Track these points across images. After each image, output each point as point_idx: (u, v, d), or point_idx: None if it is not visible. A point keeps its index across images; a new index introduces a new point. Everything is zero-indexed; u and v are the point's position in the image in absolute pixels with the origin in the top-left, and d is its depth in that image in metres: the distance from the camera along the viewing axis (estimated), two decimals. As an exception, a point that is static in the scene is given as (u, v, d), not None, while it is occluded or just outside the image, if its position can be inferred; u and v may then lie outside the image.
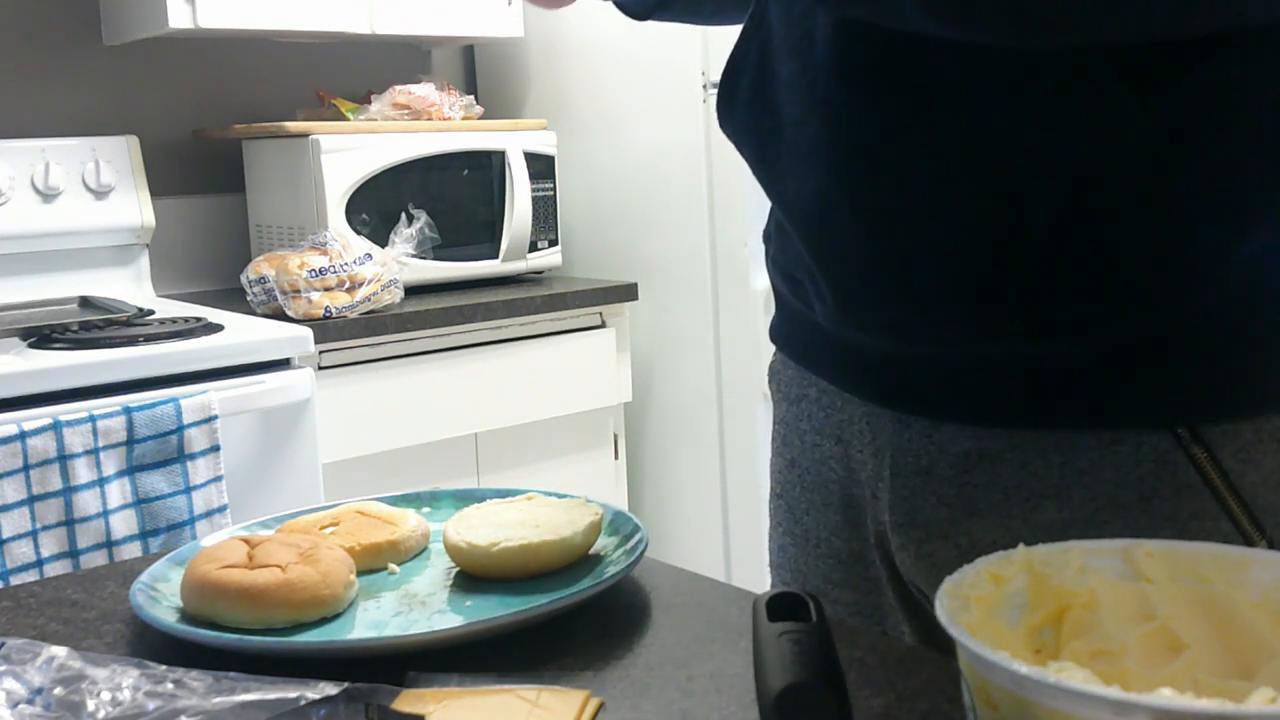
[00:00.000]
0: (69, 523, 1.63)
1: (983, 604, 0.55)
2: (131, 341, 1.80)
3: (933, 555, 0.78)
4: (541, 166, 2.50)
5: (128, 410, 1.67)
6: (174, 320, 1.97)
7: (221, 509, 1.76)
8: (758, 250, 2.36)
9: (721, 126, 0.87)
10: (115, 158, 2.34)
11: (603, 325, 2.46)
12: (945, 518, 0.76)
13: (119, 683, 0.64)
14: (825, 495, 0.87)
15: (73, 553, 1.63)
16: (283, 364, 1.90)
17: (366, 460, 2.14)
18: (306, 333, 1.92)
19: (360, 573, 0.81)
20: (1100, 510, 0.71)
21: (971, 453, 0.74)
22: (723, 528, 2.49)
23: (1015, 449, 0.73)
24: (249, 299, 2.16)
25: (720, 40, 2.30)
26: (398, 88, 2.48)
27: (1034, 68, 0.67)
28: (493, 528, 0.83)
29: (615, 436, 2.53)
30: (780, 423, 0.92)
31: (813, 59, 0.76)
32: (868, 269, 0.75)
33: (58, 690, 0.63)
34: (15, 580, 1.58)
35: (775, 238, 0.88)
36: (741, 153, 0.85)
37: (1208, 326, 0.69)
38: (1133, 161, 0.66)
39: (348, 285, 2.10)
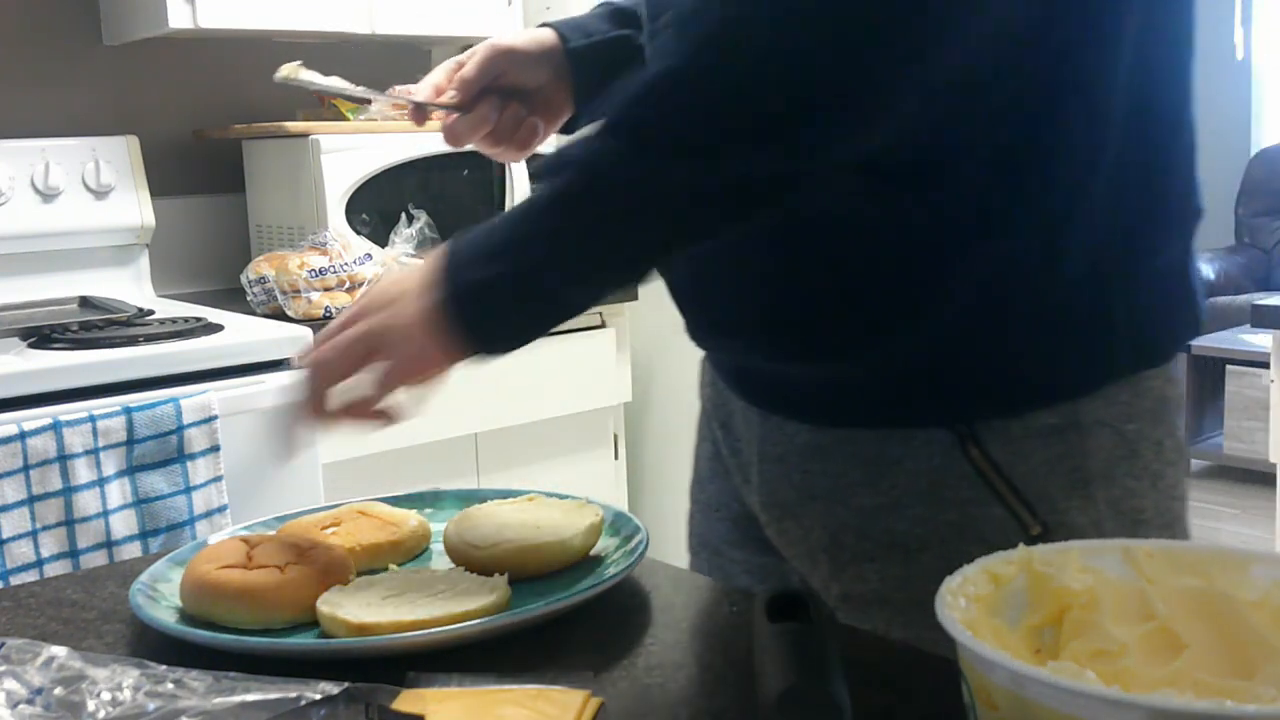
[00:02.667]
0: (69, 523, 1.63)
1: (983, 604, 0.55)
2: (131, 341, 1.80)
3: (787, 532, 0.89)
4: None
5: (128, 410, 1.67)
6: (174, 320, 1.97)
7: (221, 509, 1.76)
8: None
9: None
10: (115, 158, 2.34)
11: (603, 325, 2.46)
12: (794, 499, 0.87)
13: (119, 683, 0.64)
14: (723, 466, 0.98)
15: (73, 553, 1.63)
16: (283, 364, 1.90)
17: (366, 460, 2.14)
18: (306, 333, 1.92)
19: (361, 572, 0.81)
20: (903, 496, 0.82)
21: (810, 444, 0.86)
22: (723, 528, 2.49)
23: (840, 443, 0.84)
24: (249, 299, 2.15)
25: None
26: (398, 88, 2.48)
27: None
28: (493, 528, 0.83)
29: (615, 436, 2.53)
30: (700, 404, 1.04)
31: None
32: (703, 309, 0.90)
33: (58, 690, 0.63)
34: (15, 580, 1.58)
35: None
36: None
37: (963, 343, 0.79)
38: (864, 233, 0.78)
39: (348, 285, 2.10)
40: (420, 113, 0.98)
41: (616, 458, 2.54)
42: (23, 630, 0.77)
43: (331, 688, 0.62)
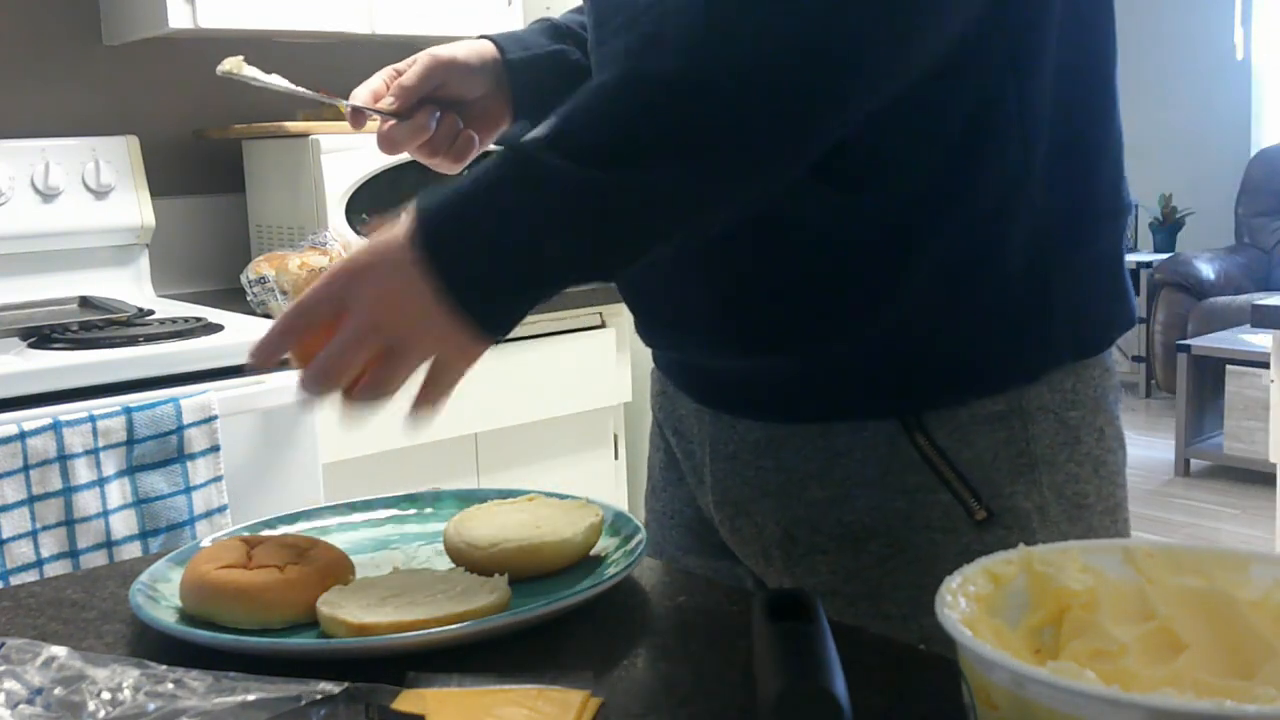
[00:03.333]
0: (69, 523, 1.63)
1: (983, 604, 0.55)
2: (131, 341, 1.80)
3: (740, 530, 0.89)
4: (541, 166, 2.50)
5: (128, 410, 1.67)
6: (174, 320, 1.97)
7: (221, 509, 1.76)
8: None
9: None
10: (115, 158, 2.34)
11: (603, 325, 2.46)
12: (747, 496, 0.88)
13: (119, 683, 0.64)
14: (676, 473, 0.99)
15: (73, 553, 1.63)
16: (283, 364, 1.90)
17: (366, 460, 2.14)
18: (306, 333, 1.92)
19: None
20: (853, 487, 0.83)
21: (761, 440, 0.87)
22: (723, 528, 2.49)
23: (792, 437, 0.85)
24: (249, 299, 2.16)
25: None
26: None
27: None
28: (494, 528, 0.83)
29: (615, 436, 2.53)
30: (652, 412, 1.04)
31: None
32: (653, 300, 0.91)
33: (58, 690, 0.63)
34: (15, 580, 1.58)
35: None
36: None
37: (909, 335, 0.80)
38: (811, 231, 0.79)
39: (348, 285, 2.10)
40: (358, 117, 0.98)
41: (616, 458, 2.54)
42: (23, 630, 0.77)
43: (331, 688, 0.62)
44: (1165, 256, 5.22)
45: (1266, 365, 3.53)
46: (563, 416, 2.41)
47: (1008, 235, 0.79)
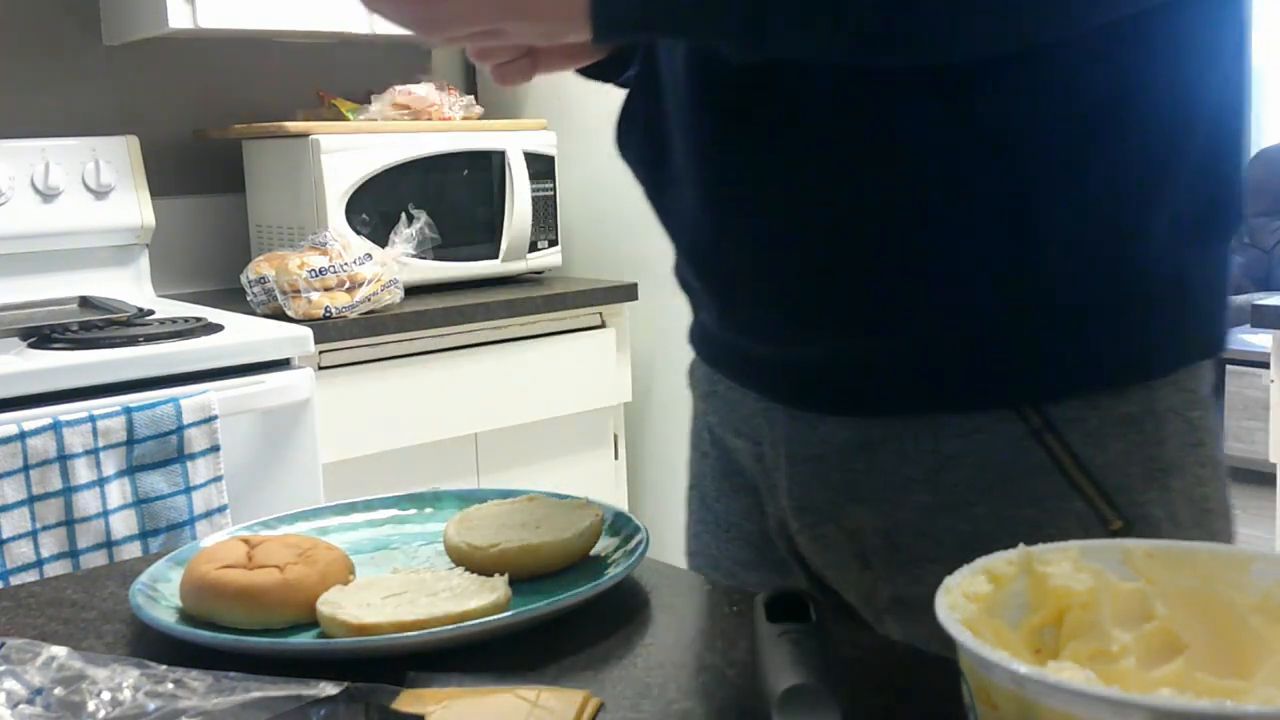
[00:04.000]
0: (69, 523, 1.63)
1: (983, 604, 0.55)
2: (131, 341, 1.80)
3: (825, 537, 0.84)
4: (541, 166, 2.50)
5: (128, 410, 1.67)
6: (174, 320, 1.97)
7: (221, 509, 1.76)
8: (758, 250, 2.36)
9: (620, 155, 0.96)
10: (115, 158, 2.34)
11: (603, 325, 2.46)
12: (832, 501, 0.83)
13: (119, 683, 0.64)
14: (734, 482, 0.93)
15: (73, 553, 1.63)
16: (283, 364, 1.90)
17: (366, 460, 2.14)
18: (306, 333, 1.92)
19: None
20: (967, 494, 0.77)
21: (851, 442, 0.81)
22: (723, 528, 2.48)
23: (890, 438, 0.79)
24: (249, 299, 2.16)
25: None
26: (398, 88, 2.48)
27: (861, 100, 0.73)
28: (493, 528, 0.83)
29: (615, 436, 2.53)
30: (695, 418, 0.99)
31: (679, 94, 0.83)
32: (737, 282, 0.84)
33: (58, 690, 0.63)
34: (15, 580, 1.58)
35: (675, 250, 0.94)
36: (637, 180, 0.93)
37: (1036, 311, 0.75)
38: (943, 175, 0.73)
39: (348, 285, 2.10)
40: None
41: (616, 458, 2.54)
42: (23, 630, 0.77)
43: (331, 688, 0.62)
44: (1165, 257, 5.21)
45: (1266, 365, 3.53)
46: (563, 416, 2.41)
47: (1152, 216, 0.74)
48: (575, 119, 2.64)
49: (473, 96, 2.59)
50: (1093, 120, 0.72)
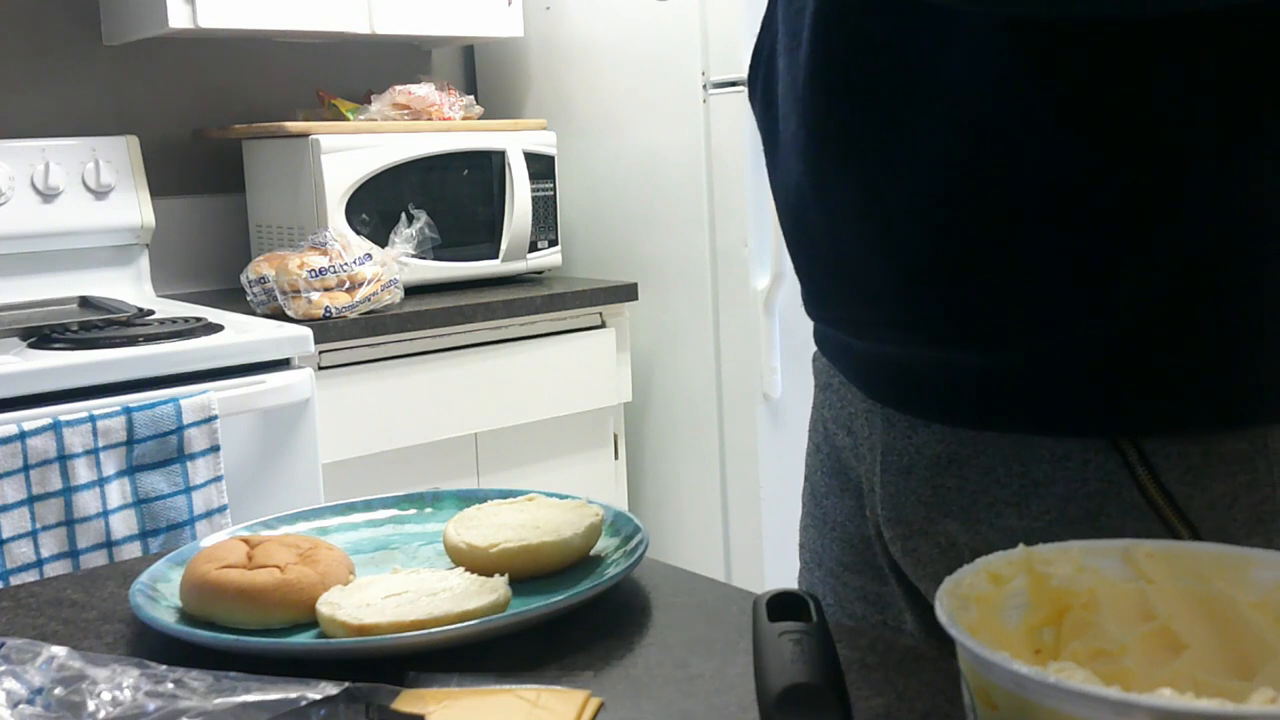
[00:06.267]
0: (69, 523, 1.63)
1: (983, 604, 0.55)
2: (131, 341, 1.80)
3: (916, 551, 0.80)
4: (541, 166, 2.50)
5: (128, 410, 1.67)
6: (174, 320, 1.97)
7: (221, 509, 1.76)
8: (758, 250, 2.36)
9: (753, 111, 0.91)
10: (115, 158, 2.34)
11: (603, 325, 2.46)
12: (923, 516, 0.78)
13: (119, 683, 0.64)
14: (841, 481, 0.89)
15: (73, 553, 1.63)
16: (283, 364, 1.90)
17: (366, 460, 2.14)
18: (306, 333, 1.92)
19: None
20: (1054, 523, 0.72)
21: (942, 456, 0.76)
22: (723, 528, 2.49)
23: (980, 455, 0.75)
24: (249, 299, 2.16)
25: (720, 40, 2.30)
26: (398, 88, 2.48)
27: (993, 73, 0.67)
28: (493, 529, 0.83)
29: (615, 436, 2.53)
30: (813, 408, 0.95)
31: (797, 57, 0.78)
32: (828, 263, 0.79)
33: (58, 690, 0.63)
34: (15, 580, 1.58)
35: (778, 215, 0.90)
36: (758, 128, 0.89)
37: (1136, 342, 0.69)
38: (1072, 176, 0.67)
39: (348, 285, 2.10)
40: None
41: (616, 458, 2.54)
42: (23, 630, 0.77)
43: (331, 688, 0.62)
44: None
45: (1266, 365, 3.52)
46: (563, 416, 2.41)
47: (1273, 232, 0.67)
48: (575, 119, 2.64)
49: (473, 96, 2.59)
50: (1234, 120, 0.65)
